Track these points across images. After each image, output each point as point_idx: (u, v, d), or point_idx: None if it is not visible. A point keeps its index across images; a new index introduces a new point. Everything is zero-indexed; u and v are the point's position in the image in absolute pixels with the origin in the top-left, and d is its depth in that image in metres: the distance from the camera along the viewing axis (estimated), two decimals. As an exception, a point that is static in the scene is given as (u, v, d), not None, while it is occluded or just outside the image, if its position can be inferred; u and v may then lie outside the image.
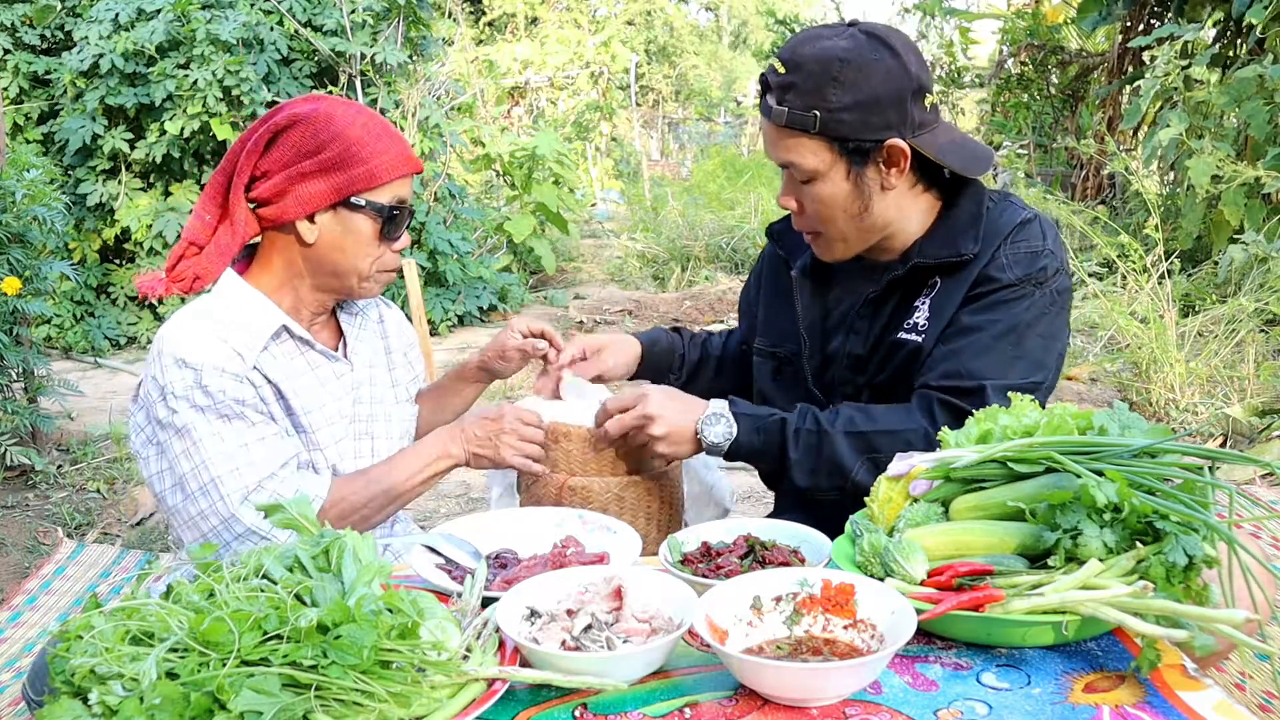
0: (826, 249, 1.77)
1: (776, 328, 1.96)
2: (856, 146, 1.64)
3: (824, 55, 1.63)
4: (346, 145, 1.67)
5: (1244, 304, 4.89)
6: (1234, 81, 5.81)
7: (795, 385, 1.90)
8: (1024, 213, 1.73)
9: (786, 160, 1.67)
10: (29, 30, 6.48)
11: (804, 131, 1.63)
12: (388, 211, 1.70)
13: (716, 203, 10.55)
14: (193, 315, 1.67)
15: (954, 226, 1.73)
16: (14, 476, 4.03)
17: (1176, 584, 1.13)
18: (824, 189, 1.67)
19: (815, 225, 1.73)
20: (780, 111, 1.64)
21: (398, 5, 6.64)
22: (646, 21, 19.87)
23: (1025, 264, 1.67)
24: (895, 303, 1.76)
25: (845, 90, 1.61)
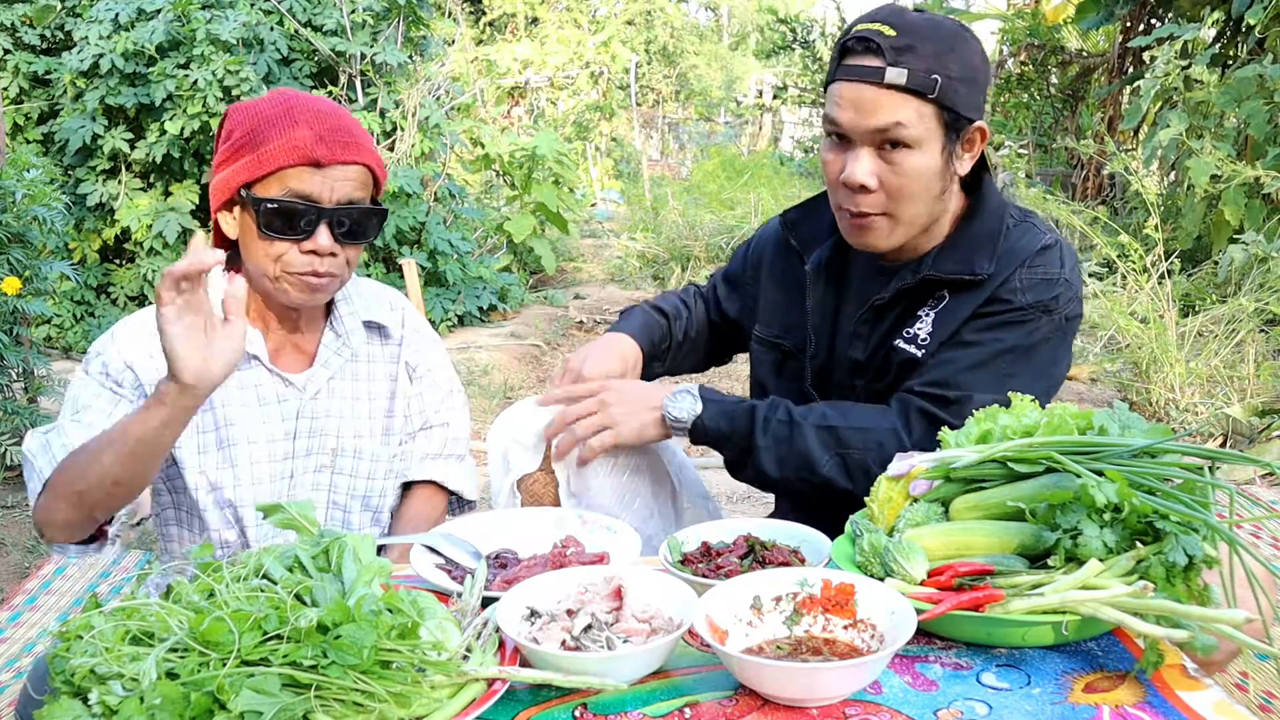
0: (882, 234, 1.67)
1: (781, 319, 1.91)
2: (957, 121, 1.61)
3: (937, 24, 1.61)
4: (249, 130, 1.60)
5: (1244, 304, 4.89)
6: (1234, 81, 5.81)
7: (797, 379, 1.87)
8: (1045, 237, 1.70)
9: (892, 122, 1.57)
10: (29, 30, 6.48)
11: (921, 96, 1.57)
12: (262, 206, 1.57)
13: (716, 203, 10.55)
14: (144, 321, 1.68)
15: (972, 241, 1.69)
16: (14, 477, 4.03)
17: (1177, 584, 1.13)
18: (919, 161, 1.60)
19: (888, 204, 1.64)
20: (898, 73, 1.55)
21: (398, 5, 6.64)
22: (646, 21, 19.87)
23: (1039, 290, 1.65)
24: (900, 311, 1.73)
25: (960, 62, 1.59)
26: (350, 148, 1.62)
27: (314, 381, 1.75)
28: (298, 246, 1.60)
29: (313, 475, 1.76)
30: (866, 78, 1.58)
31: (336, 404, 1.77)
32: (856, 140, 1.61)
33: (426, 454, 1.89)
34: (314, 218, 1.59)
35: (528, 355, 6.54)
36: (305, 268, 1.61)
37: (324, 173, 1.59)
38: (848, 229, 1.70)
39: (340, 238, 1.62)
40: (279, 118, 1.59)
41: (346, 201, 1.62)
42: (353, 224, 1.63)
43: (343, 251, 1.64)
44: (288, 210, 1.58)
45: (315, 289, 1.64)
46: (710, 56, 22.70)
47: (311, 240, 1.60)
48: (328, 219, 1.60)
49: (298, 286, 1.63)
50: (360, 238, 1.65)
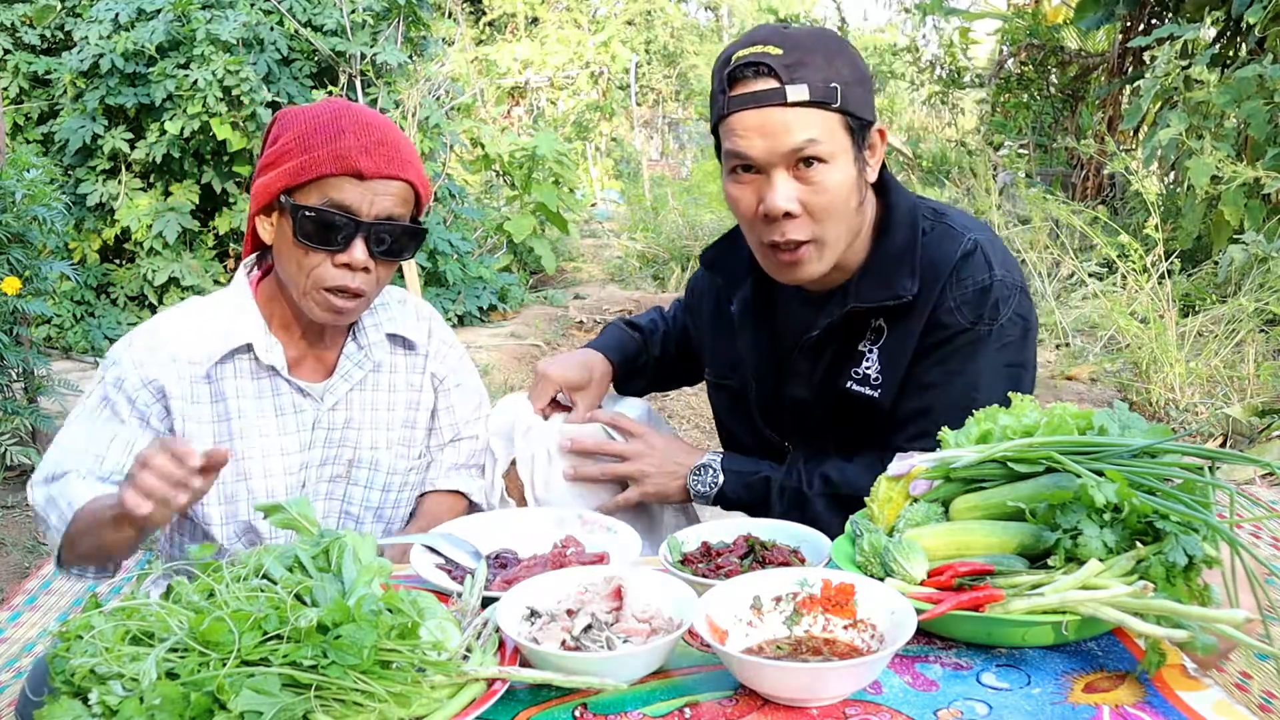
0: (812, 263, 1.60)
1: (723, 359, 1.89)
2: (860, 125, 1.57)
3: (814, 34, 1.58)
4: (296, 135, 1.58)
5: (1244, 304, 4.89)
6: (1234, 81, 5.81)
7: (751, 418, 1.85)
8: (964, 240, 1.64)
9: (805, 140, 1.51)
10: (29, 30, 6.47)
11: (825, 107, 1.52)
12: (300, 213, 1.54)
13: (716, 203, 10.54)
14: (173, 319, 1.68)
15: (888, 260, 1.64)
16: (14, 476, 4.03)
17: (1177, 584, 1.13)
18: (837, 174, 1.54)
19: (813, 228, 1.57)
20: (799, 89, 1.50)
21: (398, 5, 6.63)
22: (646, 21, 19.85)
23: (975, 304, 1.61)
24: (836, 348, 1.69)
25: (849, 65, 1.56)
26: (395, 163, 1.59)
27: (333, 393, 1.72)
28: (331, 259, 1.57)
29: (327, 485, 1.75)
30: (767, 100, 1.51)
31: (356, 415, 1.75)
32: (769, 167, 1.54)
33: (455, 464, 1.89)
34: (351, 230, 1.56)
35: (528, 355, 6.54)
36: (336, 281, 1.58)
37: (365, 185, 1.56)
38: (775, 266, 1.63)
39: (375, 253, 1.59)
40: (326, 125, 1.57)
41: (385, 217, 1.59)
42: (390, 241, 1.60)
43: (376, 268, 1.61)
44: (325, 220, 1.55)
45: (339, 311, 1.62)
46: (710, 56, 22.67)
47: (346, 253, 1.57)
48: (364, 233, 1.58)
49: (323, 305, 1.61)
50: (396, 256, 1.63)
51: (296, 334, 1.71)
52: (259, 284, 1.73)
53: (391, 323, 1.80)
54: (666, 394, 5.91)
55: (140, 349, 1.65)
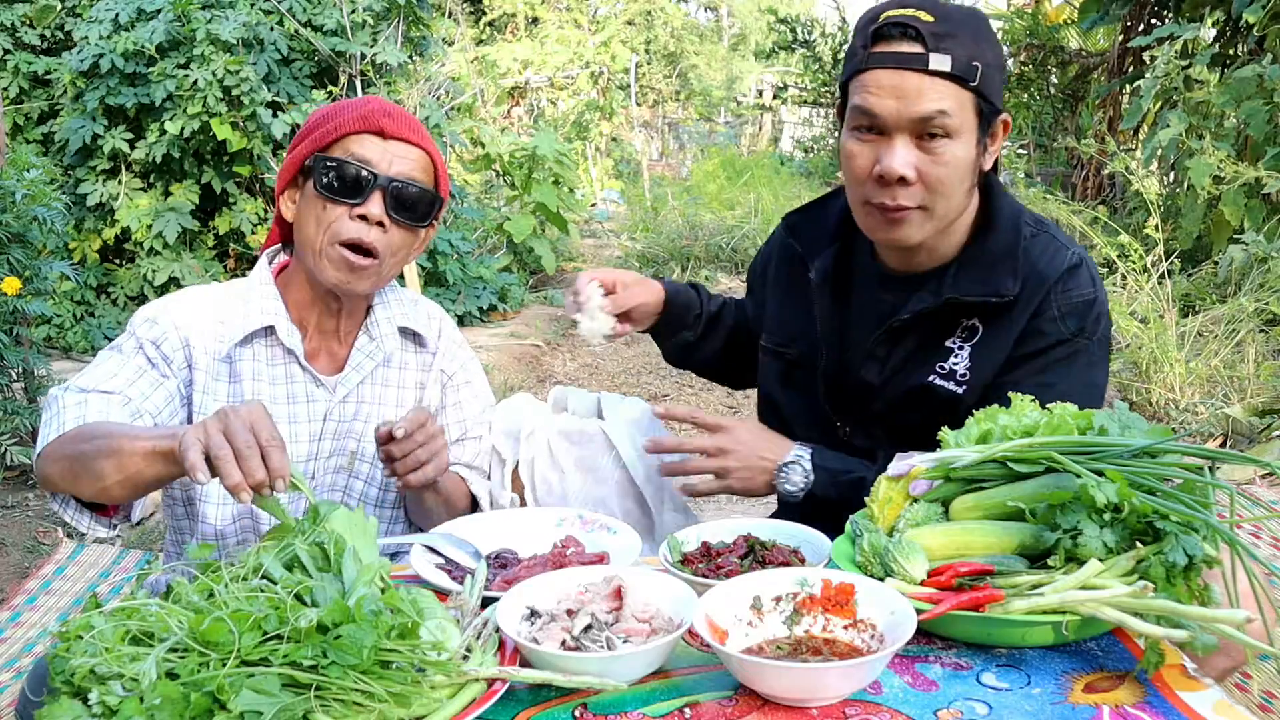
0: (915, 226, 1.59)
1: (786, 327, 1.85)
2: (990, 110, 1.57)
3: (970, 13, 1.57)
4: (323, 113, 1.67)
5: (1244, 304, 4.89)
6: (1234, 81, 5.81)
7: (806, 392, 1.81)
8: (1070, 254, 1.65)
9: (936, 110, 1.51)
10: (29, 30, 6.47)
11: (963, 82, 1.52)
12: (321, 164, 1.62)
13: (716, 203, 10.56)
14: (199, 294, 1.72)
15: (990, 257, 1.63)
16: (14, 476, 4.03)
17: (1177, 584, 1.13)
18: (958, 151, 1.54)
19: (925, 197, 1.56)
20: (942, 58, 1.49)
21: (398, 5, 6.63)
22: (646, 21, 19.87)
23: (1079, 315, 1.61)
24: (921, 339, 1.66)
25: (992, 50, 1.56)
26: (415, 131, 1.68)
27: (344, 385, 1.74)
28: (349, 211, 1.61)
29: (330, 476, 1.76)
30: (908, 64, 1.51)
31: (364, 408, 1.77)
32: (894, 130, 1.54)
33: (458, 461, 1.88)
34: (370, 183, 1.62)
35: (528, 355, 6.54)
36: (352, 234, 1.61)
37: (386, 144, 1.64)
38: (877, 223, 1.62)
39: (392, 211, 1.64)
40: (353, 101, 1.67)
41: (405, 177, 1.65)
42: (407, 200, 1.65)
43: (392, 228, 1.65)
44: (345, 172, 1.61)
45: (354, 268, 1.64)
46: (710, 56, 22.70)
47: (364, 206, 1.61)
48: (382, 187, 1.63)
49: (337, 263, 1.63)
50: (412, 216, 1.67)
51: (312, 324, 1.73)
52: (278, 274, 1.76)
53: (404, 317, 1.82)
54: (667, 395, 5.91)
55: (178, 313, 1.68)
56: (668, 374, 6.34)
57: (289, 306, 1.72)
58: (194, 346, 1.66)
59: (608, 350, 7.01)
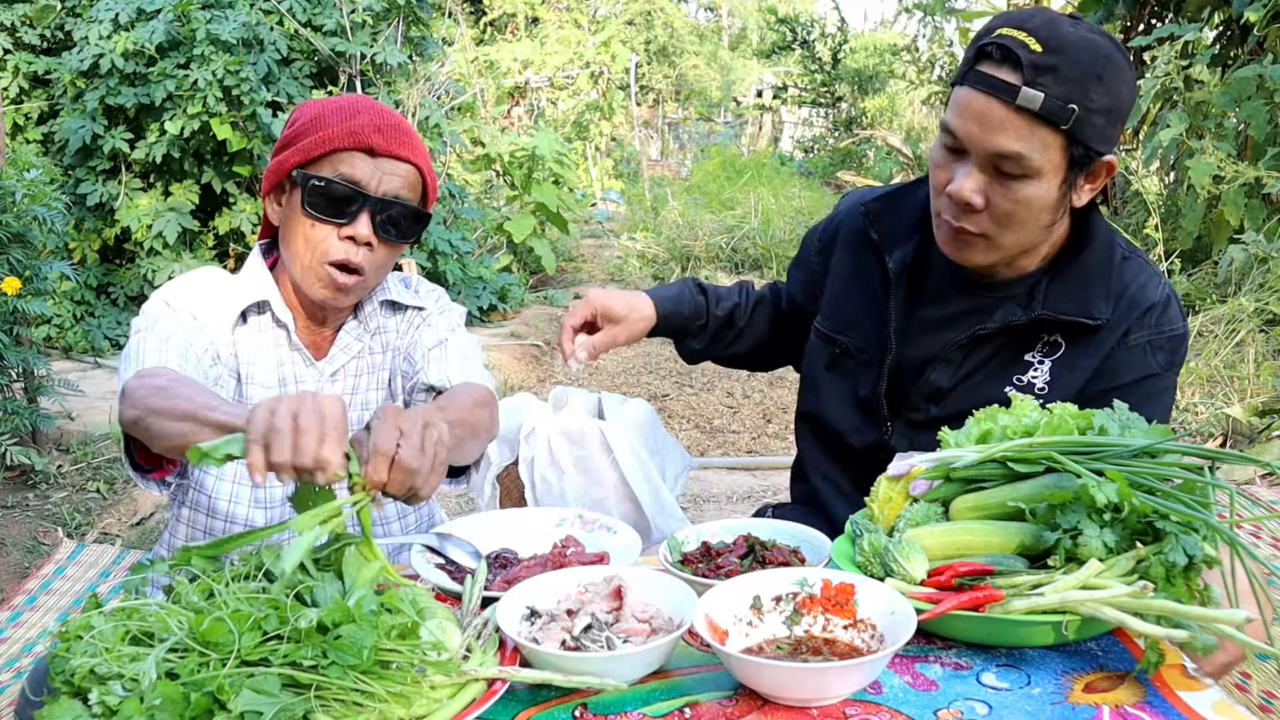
0: (979, 252, 1.56)
1: (847, 313, 1.78)
2: (1085, 154, 1.47)
3: (1091, 46, 1.44)
4: (312, 117, 1.64)
5: (1244, 304, 4.89)
6: (1234, 81, 5.81)
7: (853, 382, 1.75)
8: (1163, 285, 1.61)
9: (1010, 150, 1.44)
10: (29, 30, 6.47)
11: (1051, 124, 1.43)
12: (309, 183, 1.58)
13: (716, 203, 10.56)
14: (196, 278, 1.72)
15: (1084, 276, 1.59)
16: (14, 476, 4.03)
17: (1177, 584, 1.13)
18: (1034, 191, 1.47)
19: (990, 226, 1.52)
20: (1033, 96, 1.41)
21: (398, 5, 6.63)
22: (646, 21, 19.87)
23: (1169, 351, 1.59)
24: (1001, 347, 1.62)
25: (1104, 91, 1.44)
26: (405, 145, 1.63)
27: (332, 363, 1.77)
28: (337, 232, 1.60)
29: None
30: (997, 92, 1.44)
31: (350, 382, 1.79)
32: (971, 155, 1.49)
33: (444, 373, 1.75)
34: (358, 204, 1.60)
35: (528, 355, 6.54)
36: (339, 255, 1.60)
37: (376, 162, 1.61)
38: (944, 238, 1.59)
39: (379, 231, 1.62)
40: (343, 108, 1.62)
41: (393, 195, 1.63)
42: (395, 218, 1.63)
43: (379, 247, 1.64)
44: (334, 192, 1.59)
45: (340, 288, 1.63)
46: (710, 56, 22.71)
47: (351, 226, 1.60)
48: (371, 207, 1.61)
49: (325, 282, 1.63)
50: (400, 236, 1.65)
51: (301, 316, 1.75)
52: (272, 265, 1.78)
53: (386, 292, 1.82)
54: (667, 395, 5.91)
55: (190, 294, 1.69)
56: (668, 374, 6.34)
57: (282, 293, 1.74)
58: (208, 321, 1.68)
59: (608, 350, 7.00)
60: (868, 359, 1.73)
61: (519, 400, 2.00)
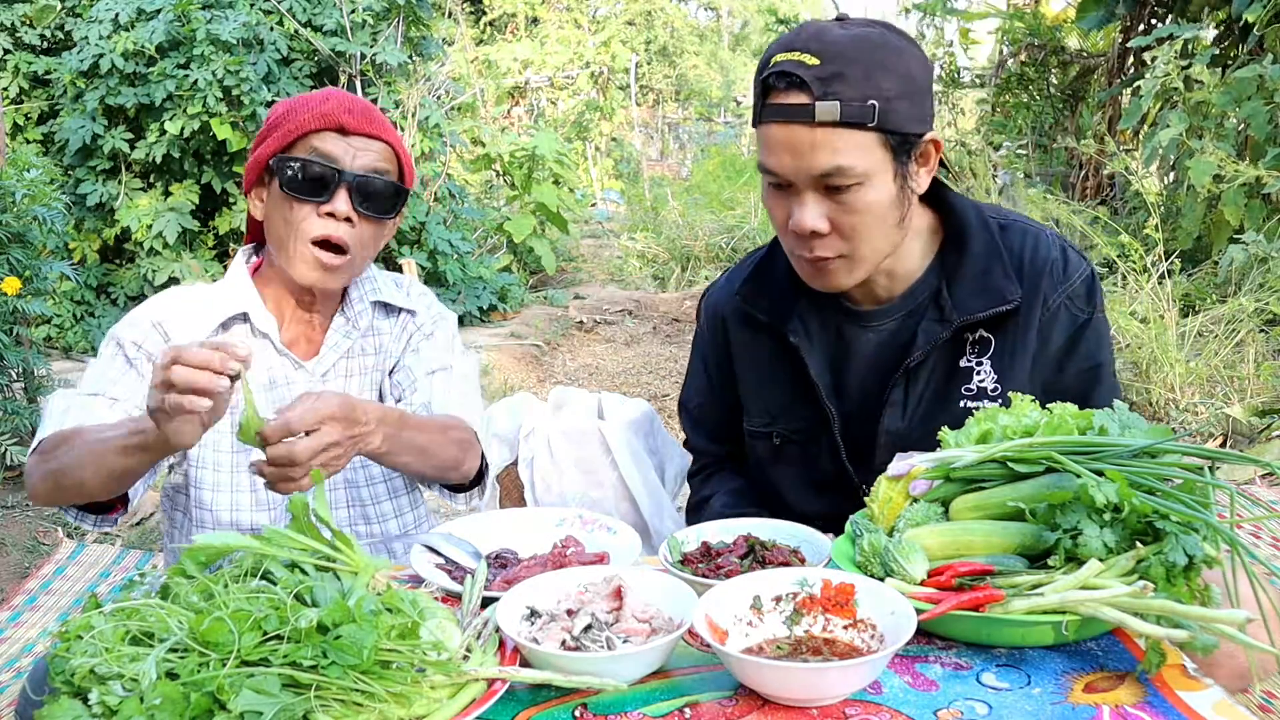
0: (843, 274, 1.54)
1: (771, 404, 1.72)
2: (904, 141, 1.47)
3: (864, 40, 1.44)
4: (284, 109, 1.68)
5: (1244, 304, 4.88)
6: (1234, 81, 5.81)
7: (802, 468, 1.70)
8: (1047, 237, 1.62)
9: (833, 166, 1.43)
10: (29, 30, 6.48)
11: (859, 127, 1.42)
12: (285, 165, 1.62)
13: (716, 203, 10.56)
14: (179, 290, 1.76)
15: (977, 265, 1.58)
16: (14, 476, 4.03)
17: (1177, 584, 1.13)
18: (871, 195, 1.46)
19: (844, 246, 1.51)
20: (829, 107, 1.40)
21: (398, 5, 6.64)
22: (646, 21, 19.86)
23: (1087, 295, 1.61)
24: (934, 368, 1.60)
25: (894, 77, 1.43)
26: (376, 124, 1.67)
27: (323, 364, 1.77)
28: (316, 210, 1.62)
29: None
30: (795, 118, 1.43)
31: (341, 383, 1.79)
32: (798, 185, 1.48)
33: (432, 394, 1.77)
34: (334, 180, 1.63)
35: (528, 355, 6.54)
36: (321, 232, 1.63)
37: (348, 140, 1.64)
38: (807, 274, 1.58)
39: (359, 206, 1.64)
40: (311, 97, 1.67)
41: (369, 171, 1.65)
42: (372, 193, 1.65)
43: (360, 223, 1.66)
44: (309, 170, 1.61)
45: (326, 268, 1.65)
46: (710, 56, 22.71)
47: (330, 203, 1.62)
48: (348, 183, 1.64)
49: (310, 262, 1.65)
50: (379, 211, 1.67)
51: (288, 314, 1.76)
52: (255, 271, 1.80)
53: (376, 292, 1.83)
54: (667, 395, 5.91)
55: (155, 309, 1.72)
56: (668, 374, 6.35)
57: (265, 300, 1.75)
58: (174, 338, 1.70)
59: (607, 350, 7.01)
60: (810, 436, 1.69)
61: (519, 400, 2.00)
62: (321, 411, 1.35)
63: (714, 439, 1.87)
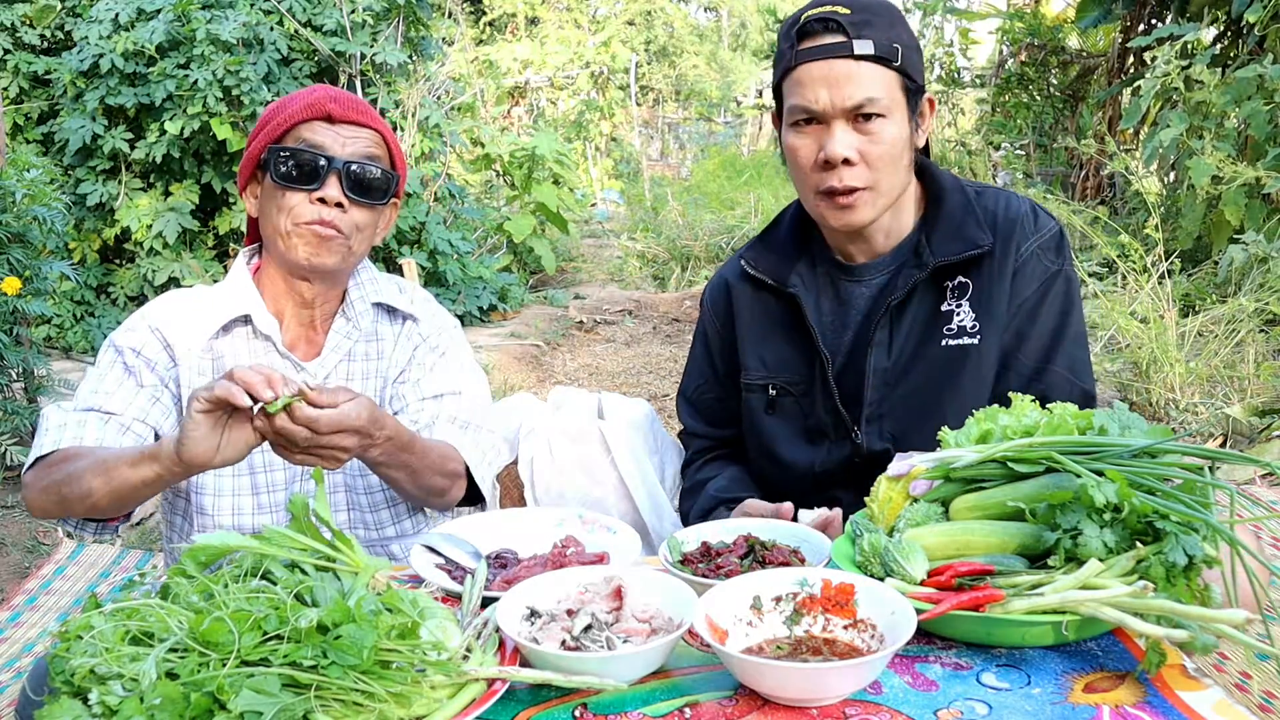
0: (866, 207, 1.68)
1: (772, 356, 1.83)
2: (916, 88, 1.67)
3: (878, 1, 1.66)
4: (274, 106, 1.71)
5: (1244, 304, 4.88)
6: (1234, 81, 5.81)
7: (797, 417, 1.80)
8: (1020, 200, 1.77)
9: (866, 96, 1.62)
10: (29, 30, 6.48)
11: (887, 63, 1.62)
12: (276, 155, 1.66)
13: (716, 203, 10.56)
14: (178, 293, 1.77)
15: (953, 219, 1.73)
16: (14, 476, 4.03)
17: (1177, 584, 1.13)
18: (893, 130, 1.64)
19: (869, 176, 1.66)
20: (864, 44, 1.61)
21: (398, 5, 6.64)
22: (646, 21, 19.87)
23: (1056, 248, 1.73)
24: (917, 312, 1.72)
25: (907, 33, 1.66)
26: (363, 113, 1.71)
27: (324, 365, 1.77)
28: (308, 197, 1.65)
29: None
30: (834, 53, 1.62)
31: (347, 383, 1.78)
32: (831, 117, 1.63)
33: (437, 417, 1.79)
34: (325, 166, 1.65)
35: (528, 355, 6.54)
36: (313, 216, 1.66)
37: (335, 128, 1.68)
38: (829, 210, 1.69)
39: (350, 192, 1.67)
40: (299, 93, 1.72)
41: (358, 157, 1.68)
42: (362, 180, 1.68)
43: (351, 209, 1.68)
44: (300, 159, 1.65)
45: (323, 239, 1.67)
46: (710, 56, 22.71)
47: (322, 189, 1.65)
48: (337, 170, 1.66)
49: (306, 239, 1.67)
50: (369, 195, 1.70)
51: (289, 314, 1.77)
52: (256, 272, 1.80)
53: (377, 294, 1.84)
54: (667, 395, 5.91)
55: (154, 314, 1.74)
56: (668, 374, 6.35)
57: (266, 300, 1.76)
58: (174, 342, 1.71)
59: (607, 350, 7.01)
60: (805, 386, 1.80)
61: (519, 400, 2.00)
62: (348, 423, 1.42)
63: (711, 422, 1.96)
